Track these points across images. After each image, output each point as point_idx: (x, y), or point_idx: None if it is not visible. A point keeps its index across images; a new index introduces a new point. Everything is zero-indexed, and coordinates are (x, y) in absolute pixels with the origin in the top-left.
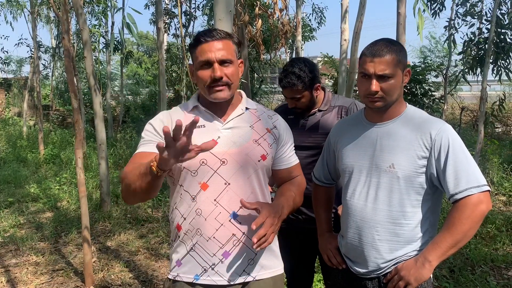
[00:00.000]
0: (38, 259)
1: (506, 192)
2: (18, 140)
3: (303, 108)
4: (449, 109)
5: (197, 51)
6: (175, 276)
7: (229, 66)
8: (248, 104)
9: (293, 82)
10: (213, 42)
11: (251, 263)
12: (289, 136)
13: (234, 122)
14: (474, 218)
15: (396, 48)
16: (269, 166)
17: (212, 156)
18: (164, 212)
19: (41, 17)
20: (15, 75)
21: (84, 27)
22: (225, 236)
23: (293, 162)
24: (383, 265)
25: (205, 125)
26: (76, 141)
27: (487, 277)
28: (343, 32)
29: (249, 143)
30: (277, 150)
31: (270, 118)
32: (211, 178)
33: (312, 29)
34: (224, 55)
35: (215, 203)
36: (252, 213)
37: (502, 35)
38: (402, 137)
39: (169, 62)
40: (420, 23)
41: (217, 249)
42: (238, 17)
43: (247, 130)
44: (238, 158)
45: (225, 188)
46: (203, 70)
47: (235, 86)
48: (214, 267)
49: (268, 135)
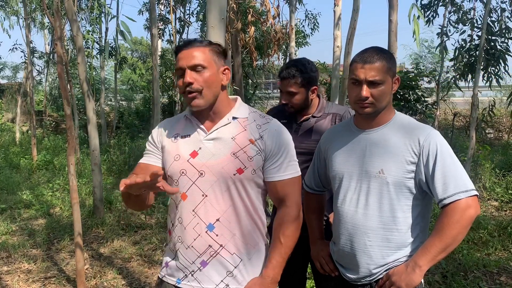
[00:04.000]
0: (30, 266)
1: (498, 197)
2: (11, 146)
3: (296, 107)
4: (442, 115)
5: (176, 61)
6: (163, 276)
7: (202, 72)
8: (238, 113)
9: (293, 74)
10: (187, 50)
11: (229, 275)
12: (280, 146)
13: (217, 133)
14: (463, 222)
15: (386, 56)
16: (253, 179)
17: (191, 167)
18: (157, 218)
19: (35, 23)
20: (9, 80)
21: (78, 34)
22: (202, 246)
23: (283, 176)
24: (375, 271)
25: (189, 134)
26: (69, 147)
27: (480, 282)
28: (336, 39)
29: (226, 156)
30: (266, 161)
31: (259, 128)
32: (190, 189)
33: (306, 35)
34: (196, 61)
35: (193, 213)
36: (229, 226)
37: (492, 42)
38: (391, 143)
39: (163, 68)
40: (416, 29)
41: (195, 257)
42: (231, 25)
43: (227, 142)
44: (214, 170)
45: (203, 199)
46: (179, 78)
47: (209, 92)
48: (193, 273)
49: (251, 146)
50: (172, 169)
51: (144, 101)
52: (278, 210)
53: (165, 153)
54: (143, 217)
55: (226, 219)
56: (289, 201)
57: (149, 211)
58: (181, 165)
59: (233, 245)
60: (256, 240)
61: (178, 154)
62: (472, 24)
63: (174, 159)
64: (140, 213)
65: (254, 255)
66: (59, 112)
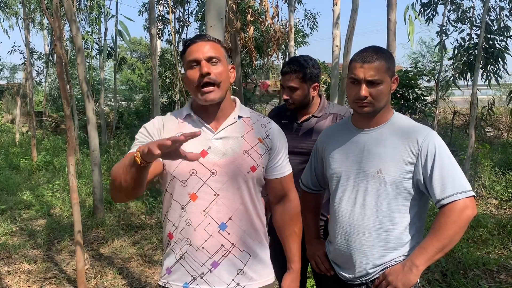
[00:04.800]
0: (31, 267)
1: (497, 195)
2: (10, 147)
3: (297, 103)
4: (441, 114)
5: (186, 54)
6: (165, 283)
7: (217, 64)
8: (241, 112)
9: (295, 69)
10: (201, 43)
11: (240, 273)
12: (283, 145)
13: (225, 132)
14: (460, 223)
15: (385, 56)
16: (260, 177)
17: (202, 167)
18: (157, 218)
19: (35, 23)
20: (8, 81)
21: (77, 34)
22: (214, 247)
23: (285, 172)
24: (371, 271)
25: None
26: (69, 147)
27: (479, 280)
28: (335, 38)
29: (239, 154)
30: (270, 160)
31: (264, 127)
32: (201, 189)
33: (305, 34)
34: (212, 53)
35: (204, 213)
36: (240, 224)
37: (491, 41)
38: (389, 143)
39: (162, 68)
40: (410, 30)
41: (206, 259)
42: (231, 24)
43: (238, 141)
44: (227, 169)
45: (214, 199)
46: (191, 70)
47: (224, 87)
48: (203, 276)
49: (260, 145)
50: (180, 169)
51: (144, 101)
52: (281, 207)
53: None
54: (143, 217)
55: (237, 217)
56: (292, 195)
57: (148, 211)
58: (191, 165)
59: (243, 243)
60: (261, 236)
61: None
62: (471, 22)
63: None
64: (140, 213)
65: (260, 251)
66: (59, 113)
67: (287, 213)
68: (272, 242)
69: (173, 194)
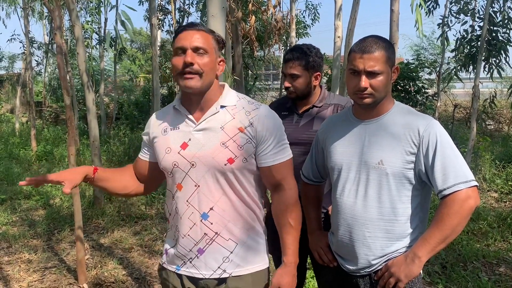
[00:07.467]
0: (31, 256)
1: (498, 188)
2: (10, 137)
3: (298, 92)
4: (442, 106)
5: (175, 41)
6: (163, 262)
7: (203, 56)
8: (226, 101)
9: (297, 56)
10: (191, 31)
11: (226, 260)
12: (271, 132)
13: (205, 123)
14: (463, 213)
15: (385, 45)
16: (245, 168)
17: (182, 159)
18: (157, 209)
19: (34, 12)
20: (7, 71)
21: (76, 23)
22: (198, 235)
23: (277, 160)
24: (374, 262)
25: (178, 126)
26: (69, 138)
27: (479, 273)
28: (337, 29)
29: (216, 146)
30: (256, 148)
31: (248, 114)
32: (184, 180)
33: (306, 25)
34: (199, 43)
35: (187, 203)
36: (223, 214)
37: (494, 33)
38: (390, 134)
39: (162, 59)
40: (418, 18)
41: (192, 245)
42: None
43: (216, 132)
44: (205, 161)
45: (196, 190)
46: (177, 57)
47: (207, 78)
48: (191, 260)
49: (240, 135)
50: (164, 162)
51: (144, 92)
52: (276, 195)
53: (156, 147)
54: (143, 207)
55: (220, 207)
56: (287, 184)
57: (149, 202)
58: (172, 157)
59: (227, 232)
60: (251, 223)
61: (169, 147)
62: (474, 14)
63: (165, 152)
64: (140, 203)
65: (249, 239)
66: (59, 103)
67: (281, 202)
68: (271, 233)
69: (167, 184)
